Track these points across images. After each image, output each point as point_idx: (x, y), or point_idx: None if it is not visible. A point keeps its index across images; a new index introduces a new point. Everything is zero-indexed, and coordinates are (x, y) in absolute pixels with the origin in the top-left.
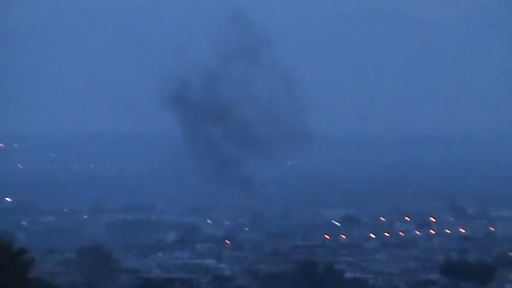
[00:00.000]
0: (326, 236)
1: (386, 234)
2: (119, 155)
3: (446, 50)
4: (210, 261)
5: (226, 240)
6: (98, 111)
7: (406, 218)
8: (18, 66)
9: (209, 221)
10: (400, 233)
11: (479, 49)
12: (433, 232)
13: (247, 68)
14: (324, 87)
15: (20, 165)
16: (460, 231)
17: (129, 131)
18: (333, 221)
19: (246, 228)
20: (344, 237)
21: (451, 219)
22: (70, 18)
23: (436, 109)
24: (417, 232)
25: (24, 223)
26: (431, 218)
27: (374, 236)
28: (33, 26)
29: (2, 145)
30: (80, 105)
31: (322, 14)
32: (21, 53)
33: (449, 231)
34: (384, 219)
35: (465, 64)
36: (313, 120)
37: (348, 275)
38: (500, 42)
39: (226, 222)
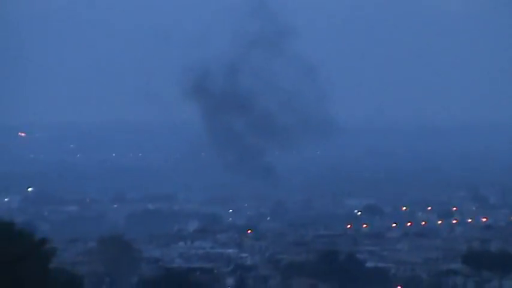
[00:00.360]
0: (348, 225)
1: (408, 223)
2: (141, 145)
3: (468, 39)
4: (231, 251)
5: (248, 230)
6: (119, 101)
7: (428, 207)
8: (40, 55)
9: (231, 211)
10: (422, 223)
11: (501, 38)
12: (455, 222)
13: (268, 58)
14: (346, 77)
15: (41, 155)
16: (482, 220)
17: (151, 121)
18: (355, 211)
19: (268, 218)
20: (366, 226)
21: (473, 208)
22: (95, 9)
23: (458, 99)
24: (439, 222)
25: (46, 213)
26: (453, 208)
27: (396, 226)
28: (57, 14)
29: (24, 134)
30: (102, 95)
31: (345, 4)
32: (44, 42)
33: (471, 221)
34: (405, 209)
35: (487, 53)
36: (334, 110)
37: (370, 264)
38: None
39: (248, 212)
